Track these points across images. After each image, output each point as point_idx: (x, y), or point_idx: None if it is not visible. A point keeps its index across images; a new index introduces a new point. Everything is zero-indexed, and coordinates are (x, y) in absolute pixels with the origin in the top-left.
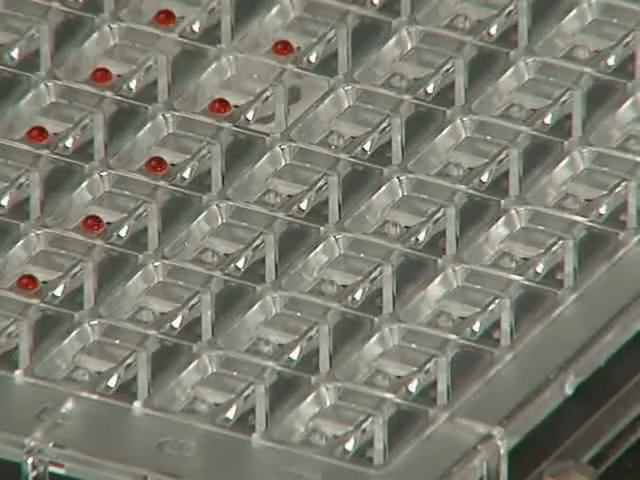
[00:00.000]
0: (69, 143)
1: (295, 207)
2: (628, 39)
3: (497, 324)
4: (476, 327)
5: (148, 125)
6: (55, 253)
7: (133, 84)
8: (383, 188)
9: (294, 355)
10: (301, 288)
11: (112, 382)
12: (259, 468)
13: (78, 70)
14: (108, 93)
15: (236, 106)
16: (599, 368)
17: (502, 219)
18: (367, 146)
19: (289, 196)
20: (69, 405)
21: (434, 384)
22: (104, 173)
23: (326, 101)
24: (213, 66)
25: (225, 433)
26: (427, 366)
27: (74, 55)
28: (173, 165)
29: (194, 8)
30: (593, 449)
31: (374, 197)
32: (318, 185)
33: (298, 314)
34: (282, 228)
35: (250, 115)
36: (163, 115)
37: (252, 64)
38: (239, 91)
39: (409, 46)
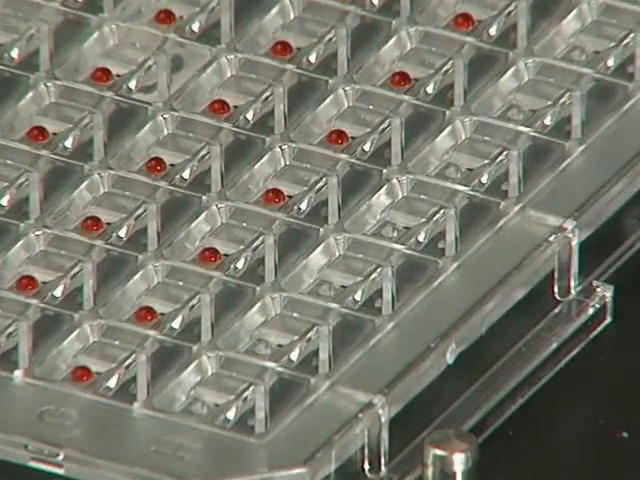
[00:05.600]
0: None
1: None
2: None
3: (379, 293)
4: (358, 296)
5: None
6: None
7: (132, 83)
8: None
9: (176, 324)
10: (184, 257)
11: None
12: (140, 437)
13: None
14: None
15: (118, 74)
16: (480, 337)
17: (384, 188)
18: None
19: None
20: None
21: (316, 353)
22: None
23: (208, 70)
24: (95, 35)
25: (106, 402)
26: (309, 335)
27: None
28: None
29: None
30: (474, 417)
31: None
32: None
33: (180, 283)
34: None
35: (132, 84)
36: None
37: (134, 33)
38: (121, 60)
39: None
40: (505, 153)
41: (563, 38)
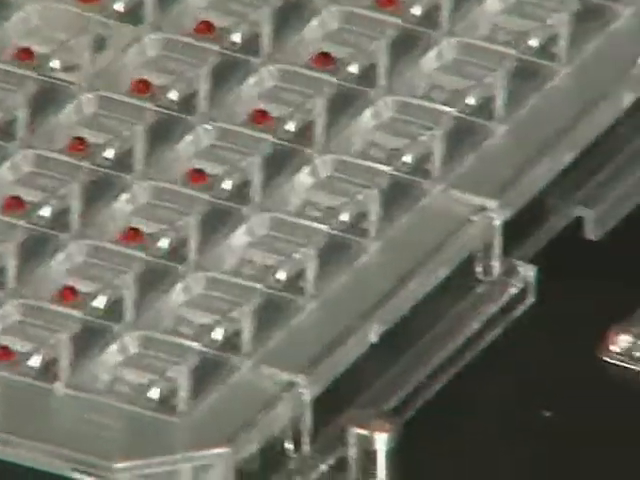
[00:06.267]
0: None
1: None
2: None
3: (302, 273)
4: (281, 275)
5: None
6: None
7: (55, 63)
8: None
9: (99, 304)
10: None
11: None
12: (62, 416)
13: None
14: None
15: (42, 54)
16: (402, 317)
17: (307, 168)
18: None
19: (213, 176)
20: None
21: (239, 332)
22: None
23: (131, 50)
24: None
25: (28, 381)
26: (232, 314)
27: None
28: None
29: None
30: (397, 397)
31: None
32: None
33: (102, 263)
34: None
35: (55, 63)
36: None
37: (56, 13)
38: (43, 40)
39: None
40: (428, 133)
41: (486, 18)
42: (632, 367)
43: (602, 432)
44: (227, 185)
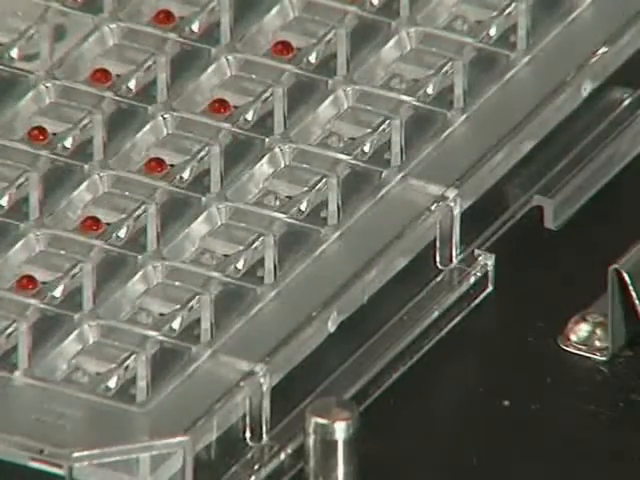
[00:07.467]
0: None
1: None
2: None
3: (261, 262)
4: (240, 265)
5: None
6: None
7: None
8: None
9: (57, 293)
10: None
11: None
12: (21, 406)
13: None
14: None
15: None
16: (362, 306)
17: (266, 157)
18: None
19: (172, 165)
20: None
21: (197, 321)
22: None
23: (90, 39)
24: None
25: None
26: (190, 303)
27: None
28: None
29: None
30: (355, 386)
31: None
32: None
33: (61, 252)
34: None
35: (14, 53)
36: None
37: (15, 2)
38: (2, 29)
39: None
40: (387, 122)
41: (446, 7)
42: (591, 356)
43: (562, 421)
44: (186, 174)
